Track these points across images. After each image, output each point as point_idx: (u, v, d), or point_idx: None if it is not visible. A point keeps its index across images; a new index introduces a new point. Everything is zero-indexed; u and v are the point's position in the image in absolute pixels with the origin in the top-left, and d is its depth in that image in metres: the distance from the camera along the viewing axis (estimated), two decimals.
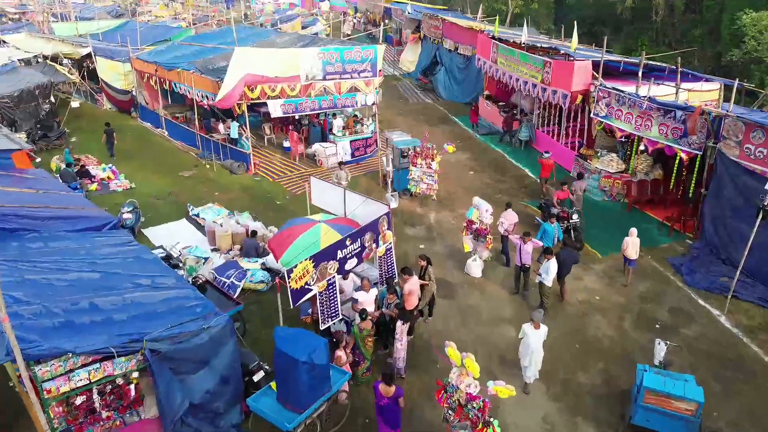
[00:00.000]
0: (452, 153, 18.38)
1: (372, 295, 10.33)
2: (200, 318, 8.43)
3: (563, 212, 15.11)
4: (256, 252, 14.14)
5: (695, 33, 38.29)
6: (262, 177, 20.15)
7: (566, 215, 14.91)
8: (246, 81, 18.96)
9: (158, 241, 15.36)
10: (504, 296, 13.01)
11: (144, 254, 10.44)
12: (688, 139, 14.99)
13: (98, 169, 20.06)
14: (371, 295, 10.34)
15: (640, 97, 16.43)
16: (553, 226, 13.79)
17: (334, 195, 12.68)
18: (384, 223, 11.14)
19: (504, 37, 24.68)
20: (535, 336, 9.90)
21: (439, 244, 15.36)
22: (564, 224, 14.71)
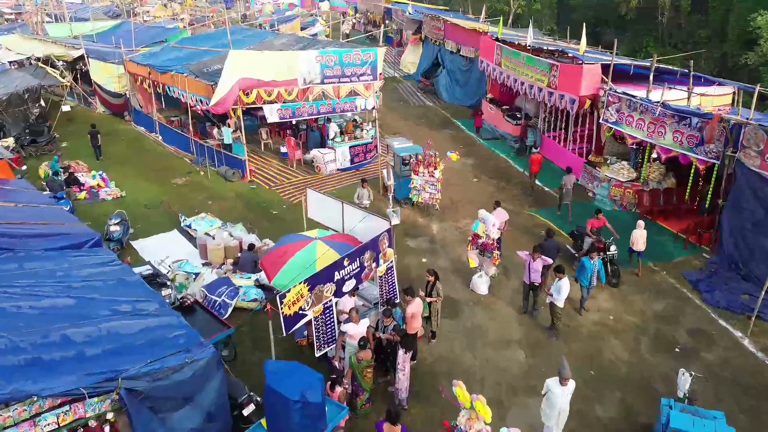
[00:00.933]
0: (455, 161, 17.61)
1: (362, 327, 9.50)
2: (183, 351, 7.69)
3: (599, 242, 13.44)
4: (254, 266, 13.39)
5: (701, 34, 37.58)
6: (258, 184, 19.40)
7: (602, 246, 13.27)
8: (241, 85, 18.22)
9: (147, 254, 14.64)
10: (512, 315, 12.27)
11: (126, 275, 9.71)
12: (705, 148, 14.24)
13: (88, 176, 19.30)
14: (362, 327, 9.50)
15: (652, 103, 15.70)
16: (593, 261, 11.92)
17: (331, 209, 11.93)
18: (385, 240, 10.40)
19: (508, 38, 23.93)
20: (564, 395, 8.39)
21: (443, 258, 14.62)
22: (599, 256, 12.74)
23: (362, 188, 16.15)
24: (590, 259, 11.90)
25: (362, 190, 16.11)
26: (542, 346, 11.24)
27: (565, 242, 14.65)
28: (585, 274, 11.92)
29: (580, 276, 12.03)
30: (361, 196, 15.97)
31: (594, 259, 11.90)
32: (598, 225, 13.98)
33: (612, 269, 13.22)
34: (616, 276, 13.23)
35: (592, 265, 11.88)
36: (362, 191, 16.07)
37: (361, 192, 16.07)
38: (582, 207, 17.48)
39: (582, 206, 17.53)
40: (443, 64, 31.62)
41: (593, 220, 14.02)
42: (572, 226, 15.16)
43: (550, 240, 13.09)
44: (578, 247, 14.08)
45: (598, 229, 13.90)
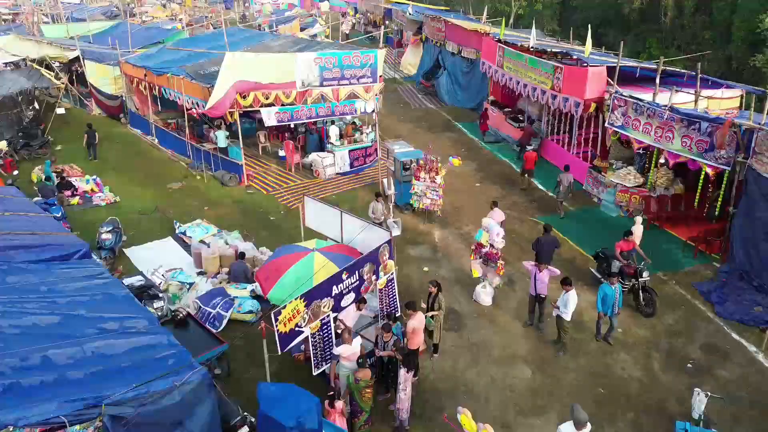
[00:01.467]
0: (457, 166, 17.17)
1: (356, 346, 8.99)
2: (172, 373, 7.25)
3: (629, 268, 12.35)
4: (245, 276, 12.98)
5: (705, 35, 37.16)
6: (256, 189, 18.97)
7: (633, 272, 12.24)
8: (237, 88, 17.82)
9: (140, 263, 14.23)
10: (517, 329, 11.83)
11: (115, 289, 9.25)
12: (715, 153, 13.80)
13: (82, 181, 18.86)
14: (356, 346, 8.98)
15: (660, 107, 15.25)
16: (614, 288, 10.97)
17: (330, 218, 11.50)
18: (385, 252, 9.97)
19: (510, 40, 23.48)
20: None
21: (445, 267, 14.19)
22: (630, 283, 12.19)
23: (377, 202, 14.97)
24: (611, 285, 10.93)
25: (376, 204, 14.93)
26: (549, 362, 10.81)
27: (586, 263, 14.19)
28: (607, 302, 10.96)
29: (603, 304, 10.99)
30: (376, 210, 14.84)
31: (615, 284, 10.98)
32: (627, 248, 12.73)
33: (645, 297, 12.12)
34: (650, 305, 12.08)
35: (614, 291, 10.92)
36: (376, 205, 14.92)
37: (375, 206, 14.91)
38: (588, 213, 17.13)
39: (588, 212, 17.17)
40: (444, 66, 31.18)
41: (622, 243, 12.76)
42: (569, 224, 14.52)
43: (547, 235, 13.20)
44: (603, 270, 12.94)
45: (628, 253, 12.72)
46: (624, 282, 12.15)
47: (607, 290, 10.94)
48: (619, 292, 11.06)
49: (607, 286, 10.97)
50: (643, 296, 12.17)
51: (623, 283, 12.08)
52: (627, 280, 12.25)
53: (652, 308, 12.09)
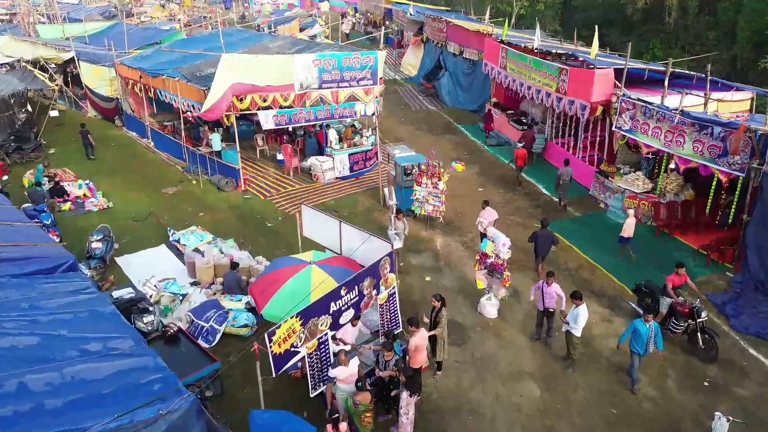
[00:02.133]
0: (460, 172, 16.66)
1: (353, 368, 8.48)
2: (157, 400, 6.75)
3: (682, 306, 10.87)
4: (239, 287, 12.48)
5: (709, 36, 36.69)
6: (253, 194, 18.47)
7: (688, 311, 10.78)
8: (234, 90, 17.33)
9: (132, 272, 13.74)
10: (524, 343, 11.33)
11: (100, 305, 8.75)
12: (728, 159, 13.30)
13: (74, 185, 18.36)
14: (353, 367, 8.47)
15: (670, 110, 14.75)
16: (648, 325, 9.63)
17: (328, 227, 11.00)
18: (386, 265, 9.47)
19: (513, 41, 23.00)
20: None
21: (448, 276, 13.69)
22: (684, 324, 10.75)
23: (398, 220, 13.74)
24: (645, 322, 9.65)
25: (397, 222, 13.71)
26: (558, 379, 10.31)
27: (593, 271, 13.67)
28: (639, 340, 9.69)
29: (634, 342, 9.78)
30: (397, 228, 13.70)
31: (649, 322, 9.65)
32: (679, 283, 11.27)
33: (705, 339, 10.66)
34: (711, 348, 10.63)
35: (647, 330, 9.64)
36: (397, 223, 13.71)
37: (395, 223, 13.75)
38: (594, 219, 16.64)
39: (594, 218, 16.67)
40: (445, 67, 30.68)
41: (674, 277, 11.25)
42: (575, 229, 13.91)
43: (544, 230, 13.26)
44: (648, 307, 11.48)
45: (678, 288, 11.32)
46: (677, 323, 10.85)
47: (640, 327, 9.65)
48: (655, 331, 9.69)
49: (640, 323, 9.68)
50: (702, 338, 10.66)
51: (676, 324, 10.85)
52: (681, 320, 10.79)
53: (714, 351, 10.60)
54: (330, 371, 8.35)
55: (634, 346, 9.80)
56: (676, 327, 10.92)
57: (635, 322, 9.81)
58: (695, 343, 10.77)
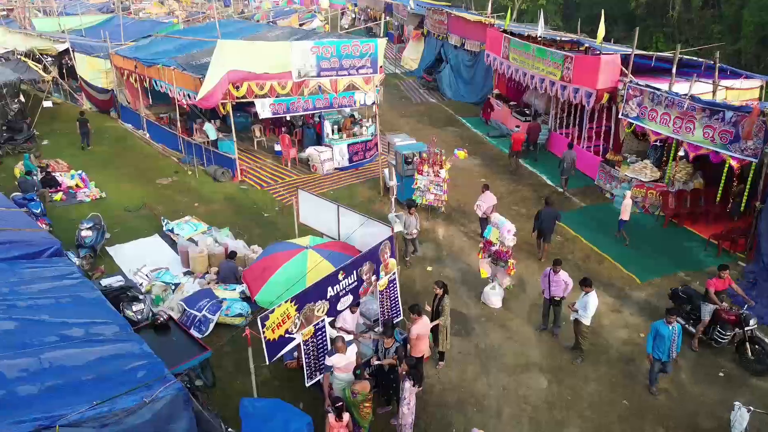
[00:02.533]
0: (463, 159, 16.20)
1: (351, 355, 7.99)
2: (141, 387, 6.30)
3: (728, 313, 9.99)
4: (234, 277, 12.02)
5: (714, 29, 36.24)
6: (250, 185, 18.02)
7: (735, 318, 9.86)
8: (230, 78, 16.85)
9: (124, 262, 13.30)
10: (530, 333, 10.87)
11: (85, 291, 8.30)
12: (741, 145, 12.85)
13: (66, 176, 17.91)
14: (350, 354, 7.99)
15: (680, 96, 14.29)
16: (671, 327, 8.84)
17: (326, 212, 10.55)
18: (386, 249, 9.02)
19: (516, 31, 22.55)
20: None
21: (450, 266, 13.23)
22: (730, 334, 9.81)
23: (409, 215, 12.82)
24: (667, 324, 8.84)
25: (409, 217, 12.75)
26: (566, 371, 9.85)
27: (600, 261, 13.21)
28: (661, 344, 8.90)
29: (656, 346, 8.96)
30: (409, 224, 12.72)
31: (672, 323, 8.83)
32: (722, 287, 10.38)
33: (755, 350, 9.68)
34: (763, 360, 9.65)
35: (670, 333, 8.84)
36: (409, 219, 12.74)
37: (408, 220, 12.74)
38: (600, 209, 16.18)
39: (600, 209, 16.21)
40: (446, 60, 30.23)
41: (716, 281, 10.34)
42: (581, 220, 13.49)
43: (547, 207, 13.22)
44: (687, 315, 10.58)
45: (721, 293, 10.45)
46: (723, 333, 9.97)
47: (662, 330, 8.84)
48: (678, 333, 8.94)
49: (662, 325, 8.87)
50: (751, 349, 9.72)
51: (722, 334, 9.97)
52: (727, 329, 9.90)
53: (765, 364, 9.65)
54: (327, 359, 7.89)
55: (655, 351, 8.96)
56: (722, 337, 9.96)
57: (656, 324, 8.99)
58: (744, 354, 9.83)
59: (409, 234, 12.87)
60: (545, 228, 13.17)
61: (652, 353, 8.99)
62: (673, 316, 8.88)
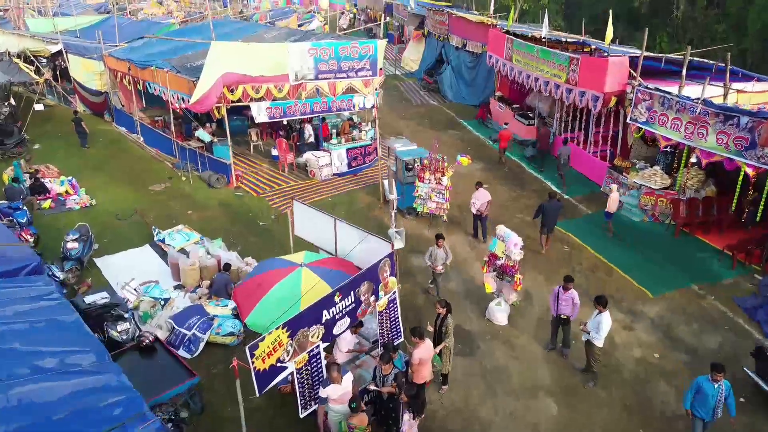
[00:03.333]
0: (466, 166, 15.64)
1: (347, 385, 7.43)
2: (116, 428, 5.76)
3: None
4: (227, 291, 11.47)
5: (718, 29, 35.68)
6: (245, 191, 17.45)
7: None
8: (225, 80, 16.29)
9: (112, 274, 12.74)
10: (538, 352, 10.31)
11: (62, 314, 7.74)
12: (757, 152, 12.28)
13: (56, 182, 17.35)
14: (346, 384, 7.42)
15: (692, 100, 13.72)
16: (717, 385, 7.79)
17: (322, 225, 9.98)
18: (386, 267, 8.45)
19: (519, 32, 21.99)
20: None
21: (453, 279, 12.66)
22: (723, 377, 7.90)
23: (437, 247, 11.34)
24: (713, 381, 7.80)
25: (437, 250, 11.33)
26: (577, 394, 9.30)
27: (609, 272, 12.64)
28: (704, 403, 7.87)
29: (696, 404, 7.98)
30: (435, 259, 11.39)
31: (719, 381, 7.77)
32: None
33: None
34: None
35: (716, 391, 7.79)
36: (436, 251, 11.33)
37: (434, 252, 11.40)
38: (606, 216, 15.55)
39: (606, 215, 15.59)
40: (448, 61, 29.66)
41: None
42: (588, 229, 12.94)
43: (552, 201, 13.58)
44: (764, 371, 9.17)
45: None
46: None
47: (706, 388, 7.83)
48: (726, 392, 7.82)
49: (706, 382, 7.85)
50: None
51: None
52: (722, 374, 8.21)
53: None
54: (321, 390, 7.32)
55: (697, 409, 7.96)
56: None
57: (699, 380, 7.93)
58: None
59: (435, 268, 11.47)
60: (549, 221, 13.49)
61: (692, 410, 8.06)
62: (720, 374, 7.76)
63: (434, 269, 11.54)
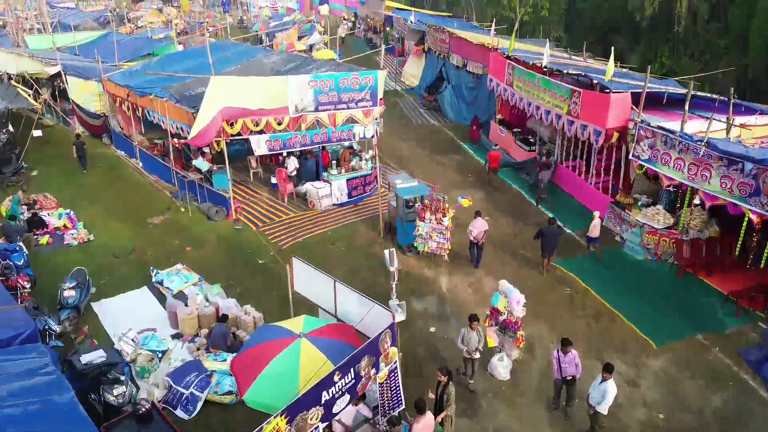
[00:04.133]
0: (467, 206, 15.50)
1: None
2: None
3: None
4: (225, 343, 11.33)
5: (720, 44, 35.53)
6: (244, 224, 17.30)
7: None
8: (224, 115, 16.20)
9: (109, 321, 12.66)
10: (541, 412, 10.17)
11: (57, 393, 7.58)
12: (761, 199, 12.13)
13: (54, 215, 17.20)
14: None
15: (694, 141, 13.57)
16: None
17: (322, 285, 9.84)
18: (387, 339, 8.30)
19: (521, 56, 21.82)
20: None
21: (454, 326, 12.50)
22: None
23: (470, 329, 10.27)
24: None
25: (470, 332, 10.26)
26: None
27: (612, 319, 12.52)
28: None
29: None
30: (469, 341, 10.28)
31: None
32: None
33: None
34: None
35: None
36: (470, 334, 10.25)
37: (467, 335, 10.29)
38: (610, 255, 15.43)
39: (610, 254, 15.47)
40: (448, 80, 29.50)
41: None
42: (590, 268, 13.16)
43: (550, 226, 14.20)
44: None
45: None
46: None
47: None
48: None
49: None
50: None
51: None
52: None
53: None
54: None
55: None
56: None
57: None
58: None
59: (468, 352, 10.37)
60: (548, 245, 14.14)
61: None
62: None
63: (470, 356, 10.35)
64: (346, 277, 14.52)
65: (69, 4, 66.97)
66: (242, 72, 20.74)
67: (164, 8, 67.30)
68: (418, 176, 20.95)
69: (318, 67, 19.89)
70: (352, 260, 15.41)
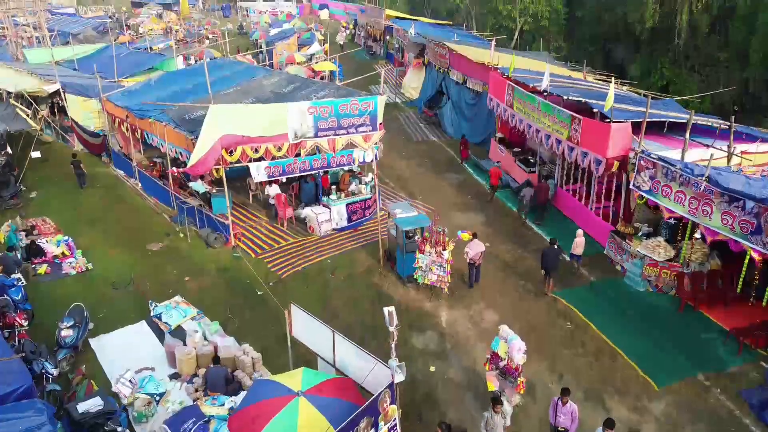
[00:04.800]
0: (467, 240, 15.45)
1: None
2: None
3: None
4: (224, 385, 11.26)
5: (720, 57, 35.49)
6: (243, 251, 17.23)
7: None
8: (223, 143, 16.15)
9: (107, 359, 12.58)
10: None
11: None
12: (763, 238, 12.05)
13: (52, 242, 17.12)
14: None
15: (695, 176, 13.48)
16: None
17: (320, 334, 9.77)
18: (386, 398, 8.24)
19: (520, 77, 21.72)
20: None
21: (455, 365, 12.44)
22: None
23: (494, 413, 9.69)
24: None
25: (494, 416, 9.70)
26: None
27: (613, 357, 12.45)
28: None
29: None
30: (494, 426, 9.74)
31: None
32: None
33: None
34: None
35: None
36: (494, 419, 9.70)
37: (491, 419, 9.72)
38: (610, 285, 15.44)
39: (610, 284, 15.47)
40: (448, 95, 29.46)
41: None
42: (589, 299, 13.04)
43: (551, 247, 14.73)
44: None
45: None
46: None
47: None
48: None
49: None
50: None
51: None
52: None
53: None
54: None
55: None
56: None
57: None
58: None
59: None
60: (549, 265, 14.67)
61: None
62: None
63: None
64: (346, 307, 14.55)
65: (69, 9, 66.98)
66: (242, 93, 20.71)
67: (164, 14, 67.27)
68: (417, 197, 21.01)
69: (318, 90, 19.81)
70: (352, 290, 15.35)
